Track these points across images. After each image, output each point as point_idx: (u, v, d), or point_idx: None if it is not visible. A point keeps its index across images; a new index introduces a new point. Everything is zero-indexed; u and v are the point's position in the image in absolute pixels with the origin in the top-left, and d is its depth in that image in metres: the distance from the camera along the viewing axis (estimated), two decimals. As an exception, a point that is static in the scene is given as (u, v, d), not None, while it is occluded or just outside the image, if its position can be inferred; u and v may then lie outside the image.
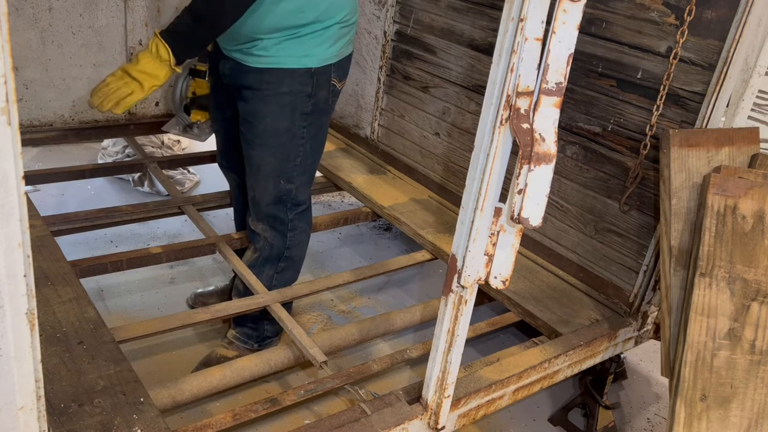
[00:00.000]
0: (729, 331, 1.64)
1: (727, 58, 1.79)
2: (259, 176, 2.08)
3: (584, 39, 2.13)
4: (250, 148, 2.06)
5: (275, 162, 2.05)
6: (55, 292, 1.70)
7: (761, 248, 1.68)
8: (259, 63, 1.94)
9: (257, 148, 2.04)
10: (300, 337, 1.93)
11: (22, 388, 0.89)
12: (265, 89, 1.96)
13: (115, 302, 2.53)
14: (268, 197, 2.11)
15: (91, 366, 1.49)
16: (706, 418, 1.60)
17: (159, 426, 1.36)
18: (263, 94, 1.96)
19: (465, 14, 2.57)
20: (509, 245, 1.26)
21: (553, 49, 1.08)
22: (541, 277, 2.30)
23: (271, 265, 2.23)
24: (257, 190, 2.11)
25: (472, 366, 1.83)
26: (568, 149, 2.26)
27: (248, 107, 2.01)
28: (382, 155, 3.09)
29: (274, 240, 2.18)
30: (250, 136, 2.04)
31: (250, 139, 2.05)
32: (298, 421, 2.10)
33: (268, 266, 2.23)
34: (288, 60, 1.93)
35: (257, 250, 2.22)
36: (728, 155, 1.84)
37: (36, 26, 2.61)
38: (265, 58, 1.93)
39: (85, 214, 2.35)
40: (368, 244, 3.23)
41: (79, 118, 2.87)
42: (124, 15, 2.80)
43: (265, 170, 2.07)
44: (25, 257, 0.82)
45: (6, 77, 0.72)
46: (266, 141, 2.02)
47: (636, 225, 2.09)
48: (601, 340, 2.02)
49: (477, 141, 1.22)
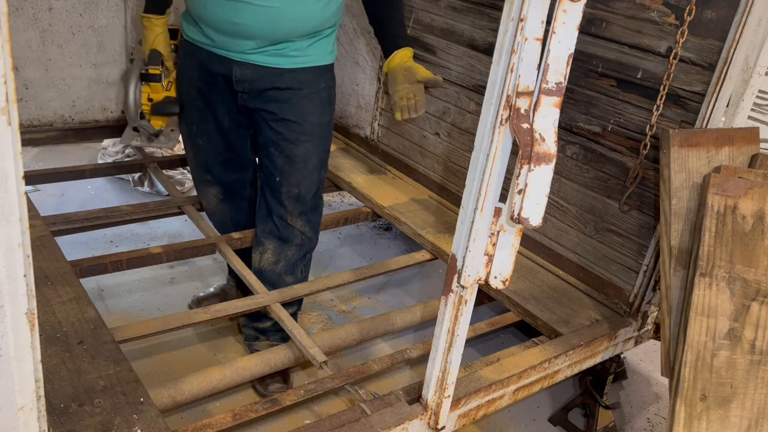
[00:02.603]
0: (729, 331, 1.64)
1: (727, 58, 1.79)
2: (306, 171, 2.12)
3: (584, 39, 2.12)
4: (294, 146, 2.07)
5: (319, 154, 2.14)
6: (55, 292, 1.70)
7: (761, 248, 1.68)
8: (294, 63, 1.98)
9: (303, 145, 2.08)
10: (300, 337, 1.93)
11: (22, 388, 0.89)
12: (306, 88, 2.02)
13: (115, 302, 2.53)
14: (313, 189, 2.18)
15: (91, 366, 1.49)
16: (706, 418, 1.60)
17: (159, 426, 1.36)
18: (306, 92, 2.02)
19: (465, 14, 2.57)
20: (509, 245, 1.26)
21: (553, 49, 1.08)
22: (541, 277, 2.30)
23: (302, 258, 2.28)
24: (303, 185, 2.14)
25: (472, 366, 1.83)
26: (568, 149, 2.26)
27: (288, 107, 2.03)
28: (382, 155, 3.09)
29: (311, 232, 2.24)
30: (294, 135, 2.06)
31: (294, 138, 2.06)
32: (298, 421, 2.10)
33: (302, 260, 2.28)
34: (323, 57, 2.03)
35: (295, 246, 2.23)
36: (728, 155, 1.84)
37: (36, 26, 2.61)
38: (301, 58, 1.97)
39: (85, 214, 2.35)
40: (368, 244, 3.23)
41: (79, 118, 2.87)
42: (124, 15, 2.80)
43: (311, 164, 2.12)
44: (25, 257, 0.82)
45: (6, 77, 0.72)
46: (312, 136, 2.08)
47: (636, 225, 2.09)
48: (601, 340, 2.02)
49: (477, 141, 1.22)
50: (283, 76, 1.98)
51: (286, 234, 2.20)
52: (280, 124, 2.05)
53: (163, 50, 2.26)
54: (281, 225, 2.19)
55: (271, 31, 1.89)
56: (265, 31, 1.89)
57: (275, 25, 1.88)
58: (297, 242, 2.22)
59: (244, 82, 2.00)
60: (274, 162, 2.11)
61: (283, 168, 2.11)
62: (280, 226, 2.19)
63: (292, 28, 1.90)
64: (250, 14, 1.85)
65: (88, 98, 2.84)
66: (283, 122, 2.04)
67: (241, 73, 1.99)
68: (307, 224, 2.22)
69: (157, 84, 2.26)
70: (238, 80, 2.00)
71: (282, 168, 2.11)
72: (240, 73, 1.99)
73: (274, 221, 2.19)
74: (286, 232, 2.20)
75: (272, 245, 2.22)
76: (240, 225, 2.41)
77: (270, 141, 2.09)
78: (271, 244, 2.22)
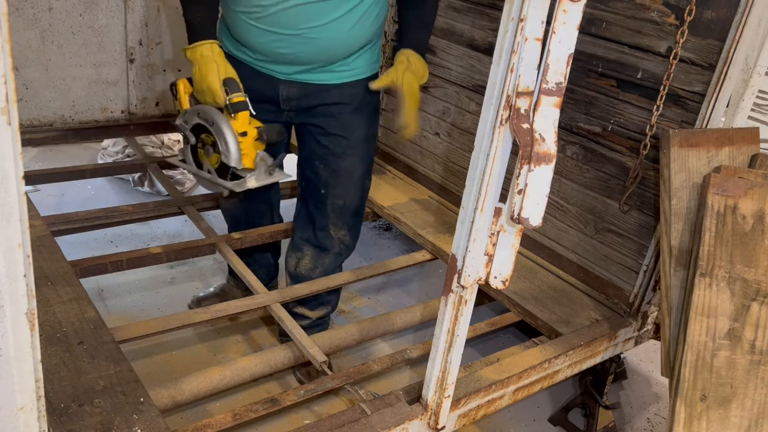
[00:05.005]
0: (729, 331, 1.64)
1: (727, 58, 1.79)
2: (351, 183, 2.11)
3: (584, 39, 2.12)
4: (341, 159, 2.06)
5: (364, 166, 2.12)
6: (55, 292, 1.70)
7: (761, 248, 1.68)
8: (341, 78, 1.95)
9: (348, 158, 2.06)
10: (300, 337, 1.93)
11: (22, 388, 0.89)
12: (354, 102, 2.00)
13: (115, 302, 2.53)
14: (357, 201, 2.17)
15: (91, 366, 1.48)
16: (706, 418, 1.60)
17: (159, 426, 1.36)
18: (353, 107, 2.00)
19: (465, 14, 2.57)
20: (509, 245, 1.26)
21: (553, 49, 1.08)
22: (541, 277, 2.30)
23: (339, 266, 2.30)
24: (348, 197, 2.13)
25: (472, 366, 1.83)
26: (568, 149, 2.26)
27: (336, 122, 2.01)
28: (382, 155, 3.09)
29: (350, 241, 2.24)
30: (340, 149, 2.05)
31: (339, 152, 2.05)
32: (298, 421, 2.10)
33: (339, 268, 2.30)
34: (368, 69, 2.01)
35: (333, 254, 2.24)
36: (728, 155, 1.84)
37: (36, 26, 2.61)
38: (347, 72, 1.95)
39: (85, 214, 2.35)
40: (368, 244, 3.23)
41: (79, 118, 2.87)
42: (124, 15, 2.80)
43: (356, 176, 2.11)
44: (25, 257, 0.82)
45: (6, 77, 0.72)
46: (357, 150, 2.06)
47: (636, 225, 2.09)
48: (601, 340, 2.02)
49: (477, 141, 1.22)
50: (330, 92, 1.97)
51: (326, 244, 2.22)
52: (326, 138, 2.04)
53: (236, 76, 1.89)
54: (322, 236, 2.20)
55: (319, 57, 1.88)
56: (313, 59, 1.88)
57: (324, 52, 1.87)
58: (335, 251, 2.24)
59: (291, 101, 1.99)
60: (318, 175, 2.11)
61: (327, 180, 2.10)
62: (321, 237, 2.20)
63: (341, 52, 1.89)
64: (298, 45, 1.84)
65: (88, 98, 2.84)
66: (329, 136, 2.03)
67: (288, 92, 1.97)
68: (348, 233, 2.22)
69: (246, 112, 1.89)
70: (285, 99, 1.99)
71: (326, 180, 2.10)
72: (287, 92, 1.97)
73: (315, 231, 2.21)
74: (327, 242, 2.21)
75: (311, 252, 2.24)
76: (253, 226, 2.44)
77: (315, 155, 2.09)
78: (309, 252, 2.24)
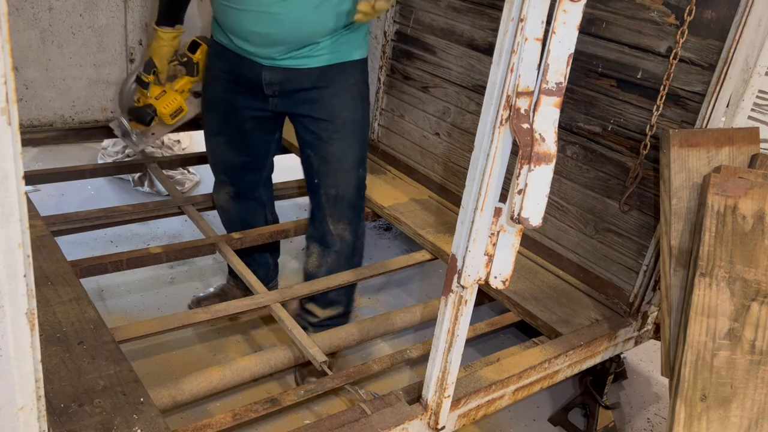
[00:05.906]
0: (729, 331, 1.64)
1: (727, 58, 1.79)
2: (341, 171, 2.09)
3: (584, 39, 2.13)
4: (329, 145, 2.05)
5: (355, 152, 2.09)
6: (55, 292, 1.70)
7: (761, 248, 1.68)
8: (320, 62, 1.96)
9: (336, 143, 2.05)
10: (300, 337, 1.93)
11: (22, 388, 0.89)
12: (334, 85, 1.99)
13: (115, 302, 2.53)
14: (352, 189, 2.14)
15: (91, 366, 1.48)
16: (706, 418, 1.60)
17: (159, 426, 1.36)
18: (334, 89, 1.99)
19: (465, 14, 2.57)
20: (509, 245, 1.26)
21: (553, 49, 1.08)
22: (541, 277, 2.30)
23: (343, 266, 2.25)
24: (341, 186, 2.11)
25: (472, 366, 1.83)
26: (568, 149, 2.26)
27: (319, 107, 2.01)
28: (382, 155, 3.09)
29: (351, 237, 2.21)
30: (327, 134, 2.04)
31: (326, 137, 2.04)
32: (298, 421, 2.10)
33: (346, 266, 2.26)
34: (351, 53, 2.00)
35: (334, 253, 2.21)
36: (728, 155, 1.84)
37: (36, 26, 2.61)
38: (327, 56, 1.95)
39: (85, 214, 2.35)
40: (368, 244, 3.22)
41: (79, 118, 2.87)
42: (124, 15, 2.80)
43: (347, 163, 2.09)
44: (25, 257, 0.82)
45: (6, 77, 0.72)
46: (345, 134, 2.05)
47: (636, 225, 2.09)
48: (601, 340, 2.02)
49: (477, 141, 1.22)
50: (310, 75, 1.97)
51: (327, 240, 2.21)
52: (313, 123, 2.04)
53: (159, 62, 2.37)
54: (322, 230, 2.19)
55: (292, 36, 1.89)
56: (286, 38, 1.90)
57: (295, 31, 1.88)
58: (336, 249, 2.21)
59: (274, 85, 2.01)
60: (311, 164, 2.11)
61: (319, 169, 2.10)
62: (322, 231, 2.20)
63: (313, 30, 1.90)
64: (266, 22, 1.86)
65: (88, 98, 2.84)
66: (315, 122, 2.03)
67: (270, 77, 1.99)
68: (347, 227, 2.19)
69: (144, 91, 2.42)
70: (268, 83, 2.01)
71: (318, 169, 2.10)
72: (269, 76, 1.99)
73: (315, 225, 2.20)
74: (327, 238, 2.20)
75: (316, 249, 2.24)
76: (248, 225, 2.43)
77: (306, 143, 2.09)
78: (315, 249, 2.24)
